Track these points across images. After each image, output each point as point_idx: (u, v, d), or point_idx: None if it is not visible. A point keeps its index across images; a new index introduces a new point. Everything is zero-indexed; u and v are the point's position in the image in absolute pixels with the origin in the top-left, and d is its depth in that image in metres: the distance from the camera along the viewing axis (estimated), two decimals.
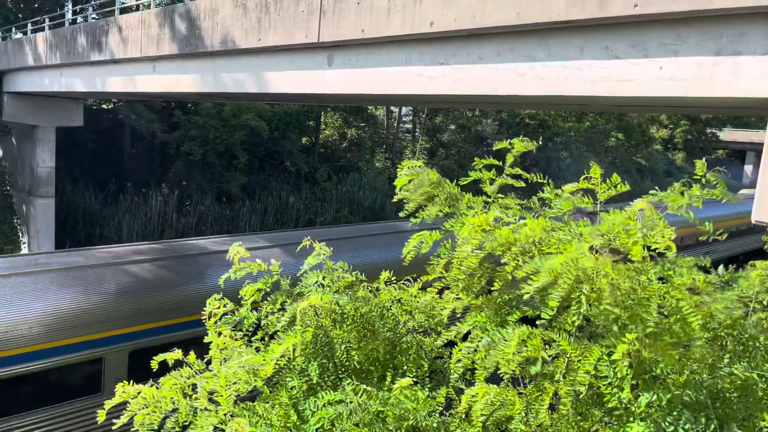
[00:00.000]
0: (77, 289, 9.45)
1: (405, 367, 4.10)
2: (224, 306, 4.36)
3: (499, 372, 3.31)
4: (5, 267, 9.60)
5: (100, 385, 9.42)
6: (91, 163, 32.01)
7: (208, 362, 3.99)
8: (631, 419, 3.02)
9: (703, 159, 3.86)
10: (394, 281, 4.52)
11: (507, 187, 4.53)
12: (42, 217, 26.13)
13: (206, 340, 4.17)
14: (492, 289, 3.96)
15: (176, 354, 3.97)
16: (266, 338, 4.19)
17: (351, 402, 3.13)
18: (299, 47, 11.73)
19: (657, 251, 3.33)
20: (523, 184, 4.44)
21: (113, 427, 3.58)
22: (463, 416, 3.56)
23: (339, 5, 10.53)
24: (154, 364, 4.07)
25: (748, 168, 76.72)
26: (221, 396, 3.27)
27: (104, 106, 35.69)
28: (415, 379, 3.82)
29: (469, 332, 3.83)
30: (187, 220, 31.55)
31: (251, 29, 12.31)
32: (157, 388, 3.63)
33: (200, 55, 14.33)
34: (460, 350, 3.60)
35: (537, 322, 3.43)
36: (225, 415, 3.28)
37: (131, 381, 3.71)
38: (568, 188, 4.06)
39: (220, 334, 4.17)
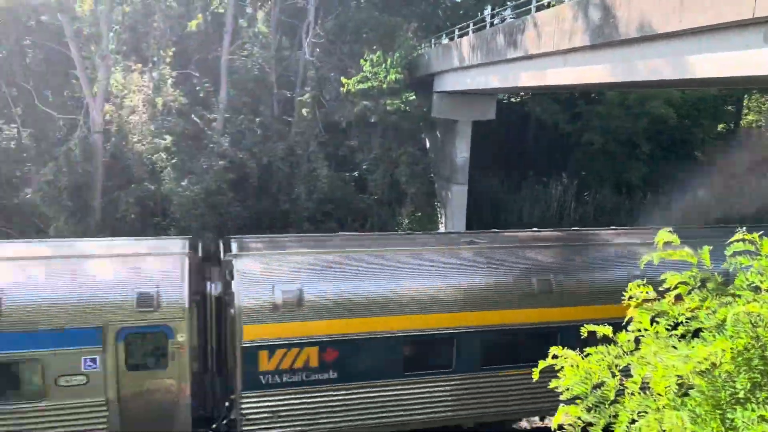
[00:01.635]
0: None
1: None
2: (647, 293, 4.26)
3: None
4: None
5: None
6: (498, 153, 34.73)
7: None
8: None
9: None
10: None
11: None
12: (456, 202, 29.59)
13: (634, 325, 4.14)
14: None
15: (606, 329, 4.10)
16: (687, 335, 3.99)
17: None
18: (726, 26, 10.57)
19: None
20: None
21: (548, 386, 3.95)
22: None
23: None
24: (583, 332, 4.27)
25: None
26: (658, 385, 3.28)
27: (512, 100, 38.21)
28: None
29: None
30: (585, 209, 31.65)
31: (672, 11, 11.59)
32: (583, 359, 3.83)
33: (611, 44, 14.16)
34: None
35: None
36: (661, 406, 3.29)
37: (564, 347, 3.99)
38: None
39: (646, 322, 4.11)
